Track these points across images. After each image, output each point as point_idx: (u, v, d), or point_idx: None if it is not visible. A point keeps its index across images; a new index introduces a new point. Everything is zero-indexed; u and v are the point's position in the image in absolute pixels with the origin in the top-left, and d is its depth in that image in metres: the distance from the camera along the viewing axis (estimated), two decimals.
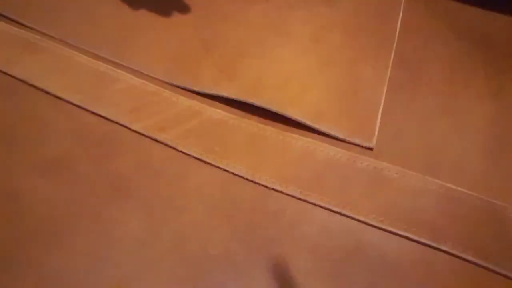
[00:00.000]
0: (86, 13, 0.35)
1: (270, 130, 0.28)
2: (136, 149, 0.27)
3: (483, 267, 0.23)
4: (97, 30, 0.34)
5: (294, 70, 0.32)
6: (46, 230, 0.23)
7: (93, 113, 0.28)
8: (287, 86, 0.31)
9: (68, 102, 0.29)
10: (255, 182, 0.26)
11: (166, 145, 0.27)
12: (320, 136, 0.28)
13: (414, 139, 0.29)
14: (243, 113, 0.30)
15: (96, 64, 0.31)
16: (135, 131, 0.28)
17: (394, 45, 0.34)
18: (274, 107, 0.29)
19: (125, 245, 0.23)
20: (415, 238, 0.24)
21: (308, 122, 0.29)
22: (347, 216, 0.25)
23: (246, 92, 0.30)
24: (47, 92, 0.29)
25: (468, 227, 0.24)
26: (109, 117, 0.28)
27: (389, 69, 0.33)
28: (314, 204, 0.25)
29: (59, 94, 0.29)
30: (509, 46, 0.36)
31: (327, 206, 0.25)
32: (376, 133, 0.29)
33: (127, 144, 0.27)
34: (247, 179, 0.26)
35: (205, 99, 0.30)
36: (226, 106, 0.30)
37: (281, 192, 0.26)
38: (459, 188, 0.26)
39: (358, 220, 0.24)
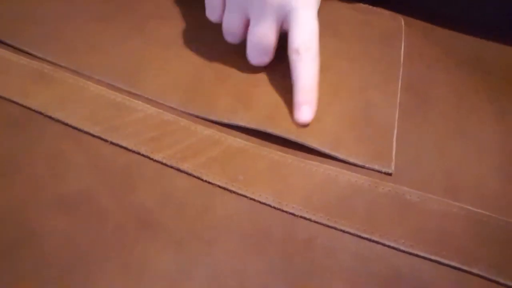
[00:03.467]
0: (93, 42, 0.34)
1: (291, 158, 0.29)
2: (159, 180, 0.27)
3: None
4: (107, 59, 0.33)
5: None
6: (71, 273, 0.22)
7: (112, 143, 0.28)
8: None
9: (86, 133, 0.28)
10: (282, 210, 0.26)
11: (189, 174, 0.27)
12: (339, 163, 0.29)
13: (430, 162, 0.30)
14: (261, 141, 0.30)
15: (112, 94, 0.31)
16: (157, 161, 0.27)
17: (401, 71, 0.35)
18: (293, 136, 0.29)
19: (158, 285, 0.22)
20: (446, 262, 0.24)
21: (327, 150, 0.29)
22: (377, 242, 0.25)
23: (263, 121, 0.30)
24: (65, 124, 0.28)
25: (496, 249, 0.25)
26: (129, 147, 0.28)
27: (398, 94, 0.33)
28: (343, 231, 0.25)
29: (77, 125, 0.28)
30: (504, 71, 0.38)
31: (356, 232, 0.25)
32: (394, 158, 0.29)
33: (149, 175, 0.27)
34: (274, 207, 0.26)
35: (222, 127, 0.30)
36: (244, 134, 0.30)
37: (309, 219, 0.26)
38: (479, 210, 0.27)
39: (389, 246, 0.25)
